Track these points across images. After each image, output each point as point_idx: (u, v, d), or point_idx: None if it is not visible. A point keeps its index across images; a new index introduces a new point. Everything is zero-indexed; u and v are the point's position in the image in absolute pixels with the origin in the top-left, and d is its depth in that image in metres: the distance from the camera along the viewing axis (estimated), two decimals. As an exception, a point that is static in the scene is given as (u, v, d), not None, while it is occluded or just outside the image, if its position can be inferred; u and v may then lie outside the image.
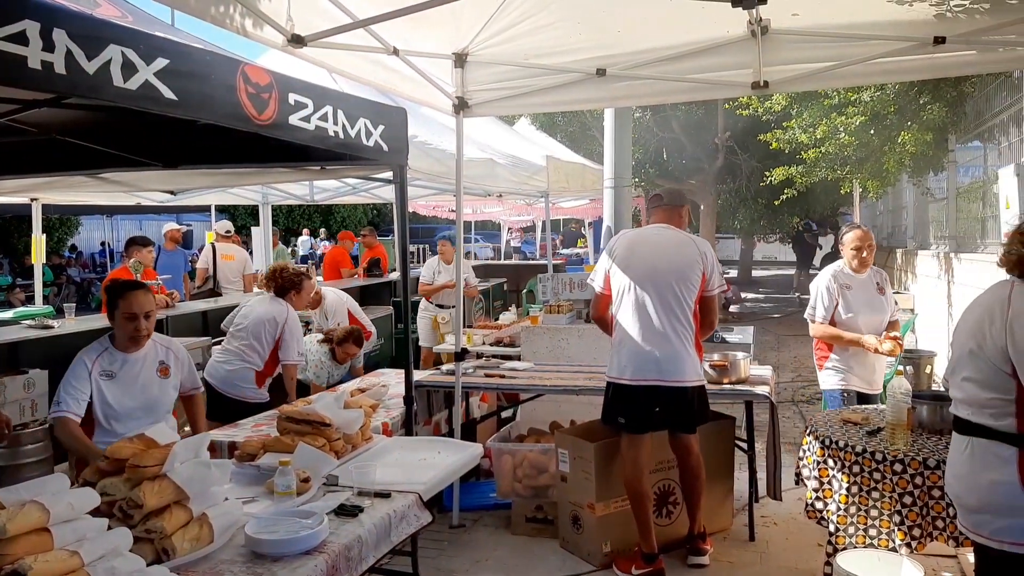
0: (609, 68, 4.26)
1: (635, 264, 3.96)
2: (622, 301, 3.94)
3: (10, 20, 1.97)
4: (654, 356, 3.81)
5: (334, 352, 5.71)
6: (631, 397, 3.88)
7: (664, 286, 3.87)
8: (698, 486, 4.05)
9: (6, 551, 1.88)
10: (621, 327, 3.93)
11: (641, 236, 4.17)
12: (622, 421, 3.92)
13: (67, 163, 4.70)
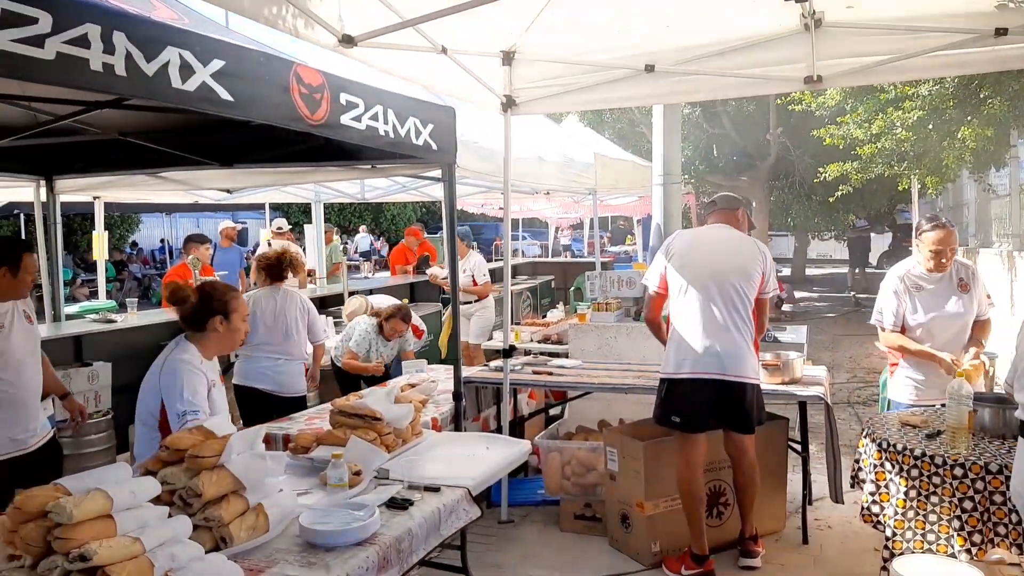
0: (658, 64, 4.22)
1: (695, 261, 3.92)
2: (682, 298, 3.88)
3: (72, 24, 2.05)
4: (716, 351, 3.75)
5: (381, 326, 5.74)
6: (688, 393, 3.82)
7: (726, 282, 3.82)
8: (752, 488, 3.99)
9: (72, 536, 1.96)
10: (680, 324, 3.87)
11: (700, 234, 4.13)
12: (676, 420, 3.86)
13: (128, 162, 4.87)
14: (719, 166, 15.62)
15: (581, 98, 4.63)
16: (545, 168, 7.33)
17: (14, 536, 1.99)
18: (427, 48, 3.92)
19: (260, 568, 2.21)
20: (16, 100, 3.63)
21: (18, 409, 3.54)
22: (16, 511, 2.01)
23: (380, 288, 8.53)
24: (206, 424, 2.57)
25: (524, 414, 5.59)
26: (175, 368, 2.97)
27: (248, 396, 4.84)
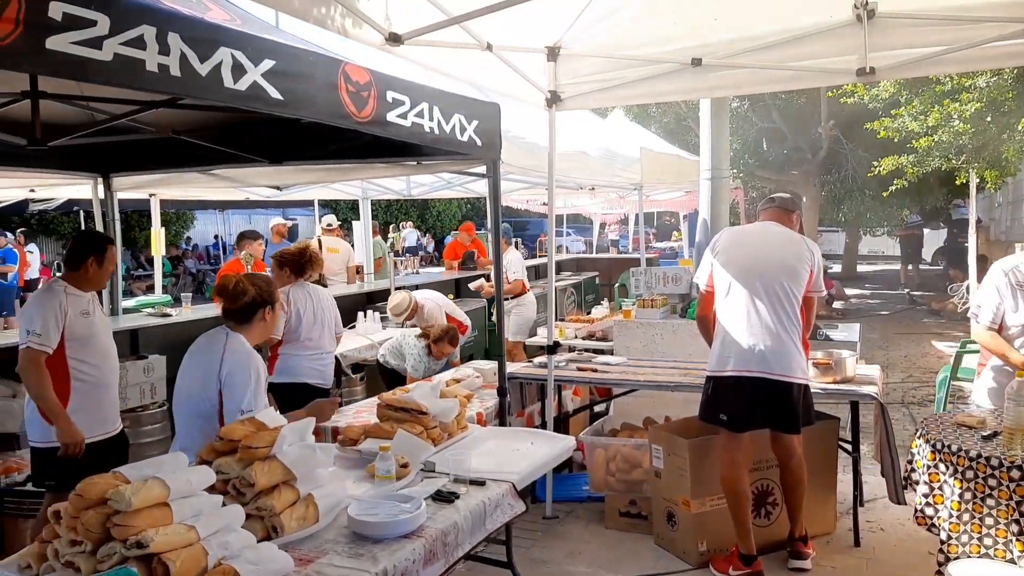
0: (705, 58, 4.17)
1: (741, 258, 3.87)
2: (727, 296, 3.83)
3: (129, 26, 2.11)
4: (761, 349, 3.70)
5: (430, 348, 5.81)
6: (733, 391, 3.77)
7: (772, 279, 3.76)
8: (799, 489, 3.92)
9: (130, 523, 2.02)
10: (725, 321, 3.83)
11: (746, 231, 4.08)
12: (724, 418, 3.80)
13: (181, 160, 5.00)
14: (768, 160, 15.38)
15: (627, 92, 4.60)
16: (590, 163, 7.29)
17: (76, 522, 2.07)
18: (472, 45, 3.94)
19: (310, 558, 2.26)
20: (75, 100, 3.76)
21: (102, 394, 3.78)
22: (77, 498, 2.08)
23: (425, 284, 8.60)
24: (258, 416, 2.63)
25: (568, 410, 5.58)
26: (247, 365, 2.98)
27: (294, 392, 4.82)
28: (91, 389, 3.71)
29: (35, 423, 3.66)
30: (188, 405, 3.04)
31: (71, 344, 3.62)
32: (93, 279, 3.77)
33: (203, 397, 2.97)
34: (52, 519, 2.11)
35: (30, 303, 3.70)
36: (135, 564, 1.97)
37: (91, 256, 3.73)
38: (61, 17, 1.96)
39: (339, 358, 6.13)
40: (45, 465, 3.68)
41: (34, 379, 3.53)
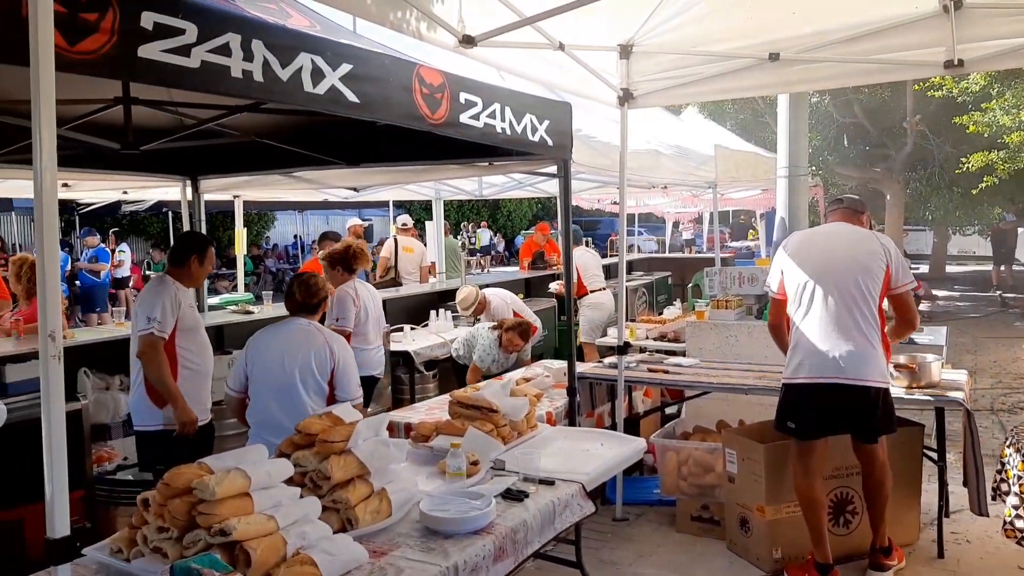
0: (783, 52, 4.08)
1: (811, 259, 3.76)
2: (799, 299, 3.73)
3: (216, 33, 2.20)
4: (834, 353, 3.58)
5: (501, 339, 5.84)
6: (805, 398, 3.67)
7: (845, 279, 3.64)
8: (882, 497, 3.77)
9: (214, 512, 2.11)
10: (799, 326, 3.72)
11: (816, 232, 3.96)
12: (791, 426, 3.72)
13: (263, 163, 5.17)
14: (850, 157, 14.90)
15: (701, 89, 4.53)
16: (662, 161, 7.20)
17: (163, 510, 2.17)
18: (544, 45, 3.95)
19: (383, 550, 2.31)
20: (165, 106, 3.94)
21: (203, 383, 4.07)
22: (165, 487, 2.19)
23: (496, 283, 8.66)
24: (334, 410, 2.70)
25: (639, 412, 5.54)
26: (350, 353, 3.61)
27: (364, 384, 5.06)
28: (195, 377, 3.97)
29: (143, 409, 3.90)
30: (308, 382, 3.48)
31: (181, 333, 3.89)
32: (194, 276, 4.06)
33: (323, 375, 3.50)
34: (141, 506, 2.23)
35: (147, 293, 3.92)
36: (218, 551, 2.05)
37: (194, 254, 4.02)
38: (152, 26, 2.06)
39: (412, 355, 6.24)
40: (153, 449, 3.91)
41: (155, 363, 3.76)
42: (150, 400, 3.86)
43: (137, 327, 3.81)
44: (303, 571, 2.06)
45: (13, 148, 4.23)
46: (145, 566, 2.15)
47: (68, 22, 1.87)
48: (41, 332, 1.80)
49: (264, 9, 2.96)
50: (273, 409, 3.48)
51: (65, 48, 1.86)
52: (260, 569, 2.03)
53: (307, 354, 3.48)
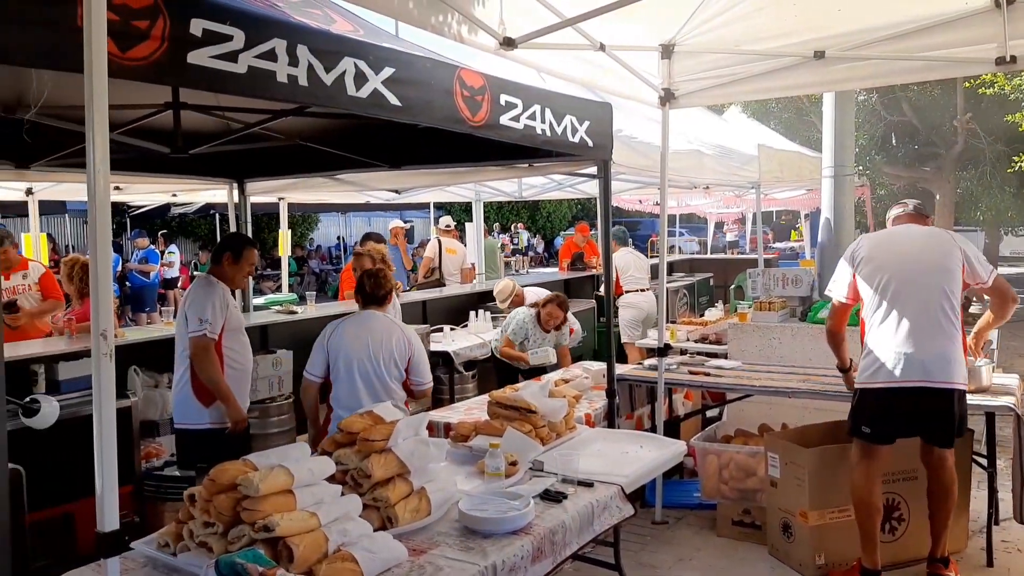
0: (828, 50, 4.01)
1: (889, 262, 3.68)
2: (878, 303, 3.65)
3: (262, 39, 2.25)
4: (918, 356, 3.49)
5: (539, 316, 5.79)
6: (887, 402, 3.57)
7: (927, 280, 3.58)
8: (948, 504, 3.68)
9: (258, 508, 2.15)
10: (877, 330, 3.63)
11: (889, 235, 3.87)
12: (866, 430, 3.62)
13: (307, 165, 5.26)
14: (898, 156, 14.58)
15: (744, 88, 4.48)
16: (704, 161, 7.13)
17: (209, 505, 2.22)
18: (585, 46, 3.94)
19: (422, 549, 2.33)
20: (212, 111, 4.03)
21: (245, 381, 4.14)
22: (211, 482, 2.24)
23: (534, 284, 8.66)
24: (375, 409, 2.74)
25: (680, 414, 5.49)
26: (421, 344, 3.99)
27: None
28: (238, 375, 4.05)
29: (189, 408, 3.95)
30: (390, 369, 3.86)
31: (227, 333, 3.97)
32: (229, 275, 4.08)
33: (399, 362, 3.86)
34: (187, 502, 2.28)
35: (196, 295, 3.91)
36: (262, 546, 2.09)
37: (227, 252, 4.07)
38: (201, 33, 2.11)
39: (452, 355, 6.28)
40: (198, 447, 3.96)
41: (208, 363, 3.83)
42: (197, 399, 3.91)
43: (187, 328, 3.85)
44: (344, 568, 2.09)
45: (67, 152, 4.38)
46: (191, 560, 2.20)
47: (120, 30, 1.92)
48: (93, 331, 1.85)
49: (309, 15, 3.00)
50: (360, 393, 3.80)
51: (117, 55, 1.92)
52: (302, 565, 2.06)
53: (389, 344, 3.85)
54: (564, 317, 5.81)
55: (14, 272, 5.66)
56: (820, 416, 4.55)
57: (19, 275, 5.66)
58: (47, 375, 4.39)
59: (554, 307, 5.74)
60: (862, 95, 13.22)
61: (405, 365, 3.89)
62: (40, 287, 5.65)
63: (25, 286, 5.64)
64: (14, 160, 4.63)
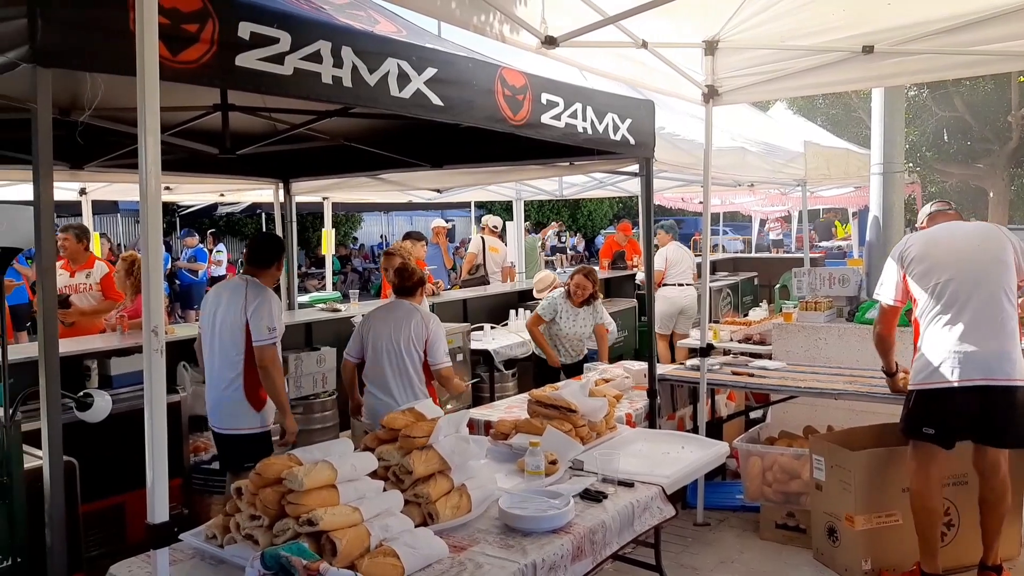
0: (877, 44, 3.92)
1: (943, 259, 3.59)
2: (934, 303, 3.56)
3: (308, 41, 2.29)
4: (979, 353, 3.40)
5: (569, 291, 5.73)
6: (945, 403, 3.47)
7: (984, 275, 3.49)
8: (1001, 509, 3.57)
9: (302, 502, 2.19)
10: (934, 329, 3.55)
11: (936, 232, 3.77)
12: (930, 432, 3.52)
13: (352, 165, 5.32)
14: (950, 152, 14.20)
15: (790, 84, 4.41)
16: (749, 159, 7.03)
17: (255, 498, 2.27)
18: (628, 44, 3.92)
19: (462, 545, 2.35)
20: (259, 112, 4.10)
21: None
22: (257, 476, 2.28)
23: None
24: (417, 406, 2.76)
25: (722, 415, 5.43)
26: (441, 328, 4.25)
27: None
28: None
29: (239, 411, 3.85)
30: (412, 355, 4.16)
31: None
32: (273, 279, 4.08)
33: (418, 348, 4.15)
34: (234, 495, 2.33)
35: (260, 302, 3.79)
36: (306, 540, 2.13)
37: (279, 258, 4.09)
38: (249, 36, 2.16)
39: (492, 354, 6.30)
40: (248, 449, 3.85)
41: (277, 374, 3.81)
42: (249, 403, 3.86)
43: (254, 336, 3.75)
44: (386, 562, 2.12)
45: (120, 153, 4.50)
46: (237, 552, 2.25)
47: (171, 33, 1.97)
48: (145, 328, 1.90)
49: (353, 16, 3.04)
50: (386, 370, 4.15)
51: (168, 58, 1.97)
52: (345, 559, 2.09)
53: (408, 327, 4.15)
54: (594, 290, 5.75)
55: (80, 270, 5.83)
56: (867, 419, 4.46)
57: (83, 273, 5.84)
58: (100, 370, 4.51)
59: (580, 277, 5.70)
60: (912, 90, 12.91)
61: (423, 346, 4.17)
62: (100, 287, 5.80)
63: (87, 285, 5.81)
64: (69, 161, 4.77)
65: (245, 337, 3.78)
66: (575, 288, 5.69)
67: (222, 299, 3.93)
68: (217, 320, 3.90)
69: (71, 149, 4.37)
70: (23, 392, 2.41)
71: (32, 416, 2.94)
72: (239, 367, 3.83)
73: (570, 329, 5.75)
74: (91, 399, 2.36)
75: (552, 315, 5.75)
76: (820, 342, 5.44)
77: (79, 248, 5.87)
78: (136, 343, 4.52)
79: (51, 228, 1.91)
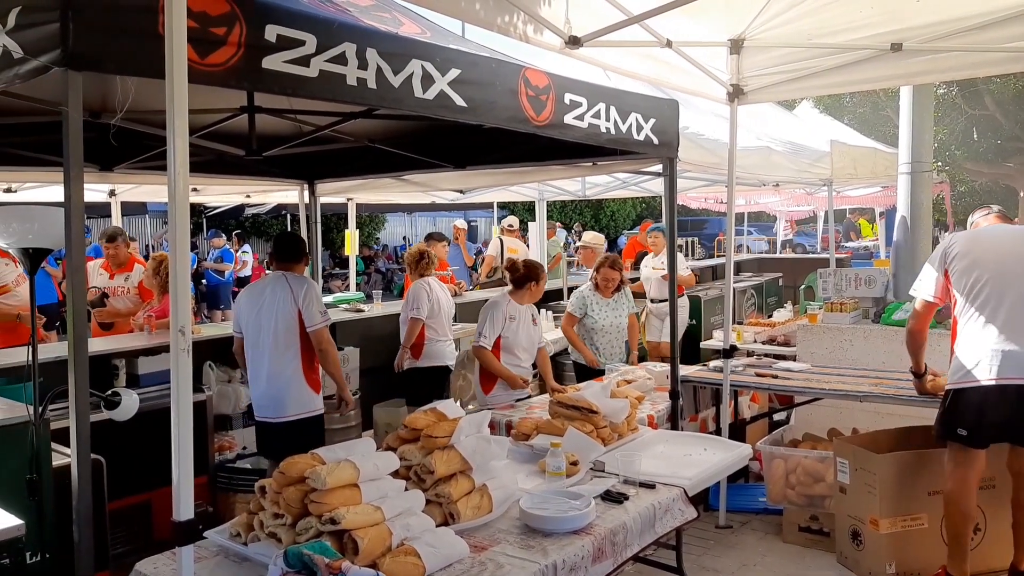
0: (906, 42, 3.87)
1: (985, 258, 3.55)
2: (975, 301, 3.52)
3: (333, 43, 2.31)
4: (1019, 353, 3.35)
5: (596, 282, 5.63)
6: (982, 403, 3.43)
7: (1020, 275, 3.45)
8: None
9: (325, 500, 2.21)
10: (974, 327, 3.50)
11: (981, 232, 3.75)
12: (963, 433, 3.47)
13: (375, 166, 5.35)
14: (980, 151, 13.96)
15: (816, 83, 4.37)
16: (774, 158, 6.97)
17: (278, 497, 2.29)
18: (652, 43, 3.90)
19: (484, 546, 2.35)
20: (285, 114, 4.14)
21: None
22: (280, 475, 2.31)
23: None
24: (438, 406, 2.77)
25: (745, 417, 5.39)
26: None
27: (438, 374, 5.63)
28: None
29: (303, 396, 4.11)
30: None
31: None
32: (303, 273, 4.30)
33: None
34: (258, 493, 2.35)
35: (309, 290, 4.09)
36: (328, 539, 2.15)
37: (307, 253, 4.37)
38: (275, 39, 2.18)
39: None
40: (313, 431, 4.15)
41: (334, 352, 4.16)
42: (309, 387, 4.13)
43: (307, 322, 4.02)
44: (407, 562, 2.13)
45: (148, 155, 4.56)
46: (261, 550, 2.27)
47: (199, 36, 2.00)
48: (172, 327, 1.93)
49: (378, 18, 3.06)
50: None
51: (196, 61, 2.00)
52: (367, 558, 2.11)
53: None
54: (621, 278, 5.65)
55: (119, 273, 5.93)
56: (893, 421, 4.40)
57: (122, 276, 5.93)
58: (128, 369, 4.58)
59: (607, 269, 5.57)
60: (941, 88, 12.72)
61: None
62: (139, 290, 5.89)
63: (125, 288, 5.90)
64: (99, 163, 4.84)
65: (299, 325, 4.02)
66: (603, 281, 5.55)
67: (264, 298, 4.11)
68: (263, 318, 4.08)
69: (101, 151, 4.44)
70: (52, 391, 2.46)
71: (61, 414, 3.00)
72: (297, 356, 4.06)
73: (605, 320, 5.55)
74: (119, 398, 2.40)
75: (582, 310, 5.58)
76: (845, 344, 5.38)
77: (127, 251, 6.03)
78: (162, 342, 4.58)
79: (81, 229, 1.95)
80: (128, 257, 6.05)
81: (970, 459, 3.49)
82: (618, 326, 5.60)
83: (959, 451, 3.51)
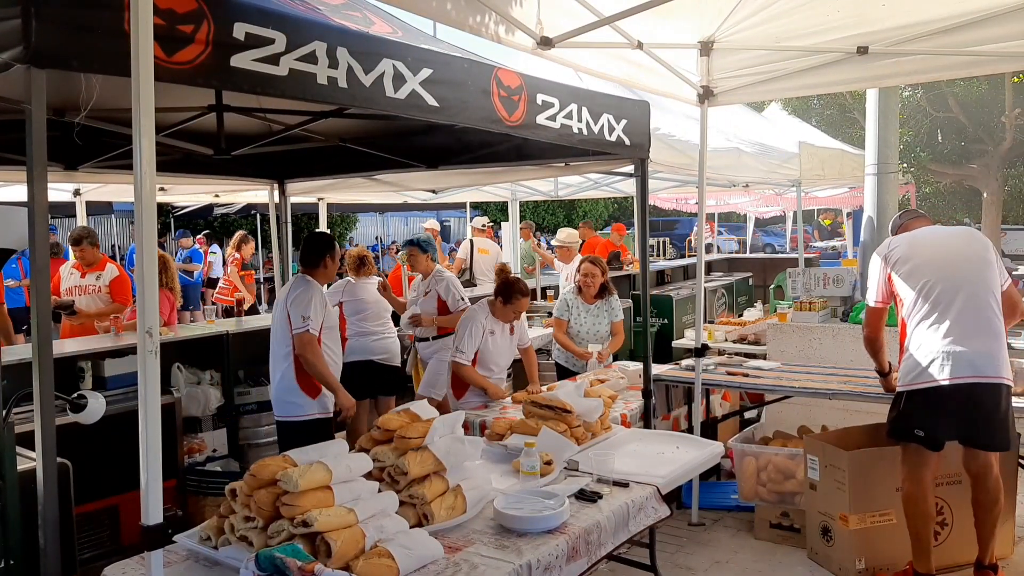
0: (872, 45, 3.93)
1: (929, 260, 3.60)
2: (921, 302, 3.56)
3: (303, 42, 2.29)
4: (966, 352, 3.40)
5: (579, 287, 5.55)
6: (934, 403, 3.47)
7: (971, 275, 3.51)
8: (995, 511, 3.57)
9: (297, 503, 2.19)
10: (921, 328, 3.54)
11: (919, 234, 3.79)
12: (920, 434, 3.51)
13: (346, 166, 5.31)
14: (944, 152, 14.24)
15: (785, 85, 4.42)
16: (744, 159, 7.05)
17: (249, 500, 2.26)
18: (623, 44, 3.93)
19: (458, 546, 2.35)
20: (254, 112, 4.09)
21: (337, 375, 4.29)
22: (252, 478, 2.28)
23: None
24: (412, 407, 2.76)
25: (717, 416, 5.43)
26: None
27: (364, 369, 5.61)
28: (333, 369, 4.22)
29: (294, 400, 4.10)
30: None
31: (324, 331, 4.14)
32: (325, 276, 4.30)
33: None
34: (229, 496, 2.32)
35: (297, 294, 4.06)
36: (301, 541, 2.13)
37: (327, 254, 4.26)
38: (244, 37, 2.15)
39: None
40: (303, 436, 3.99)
41: (315, 357, 4.01)
42: (303, 392, 4.09)
43: (292, 325, 4.01)
44: (381, 564, 2.11)
45: (114, 154, 4.48)
46: (232, 554, 2.24)
47: (166, 34, 1.97)
48: (139, 329, 1.90)
49: (349, 17, 3.04)
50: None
51: (163, 59, 1.97)
52: (340, 560, 2.09)
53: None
54: (605, 279, 5.51)
55: (90, 272, 5.85)
56: (861, 418, 4.47)
57: (94, 275, 5.85)
58: (94, 371, 4.50)
59: (587, 265, 5.49)
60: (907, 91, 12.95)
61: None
62: (109, 289, 5.81)
63: (96, 287, 5.82)
64: (64, 162, 4.75)
65: (289, 328, 4.05)
66: (583, 279, 5.45)
67: (279, 299, 4.26)
68: (273, 319, 4.23)
69: (66, 150, 4.35)
70: (17, 394, 2.40)
71: (26, 418, 2.93)
72: (289, 357, 4.08)
73: (582, 327, 5.47)
74: (85, 400, 2.35)
75: (567, 314, 5.51)
76: (815, 342, 5.46)
77: (95, 252, 5.92)
78: (130, 344, 4.51)
79: (45, 229, 1.91)
80: (99, 257, 5.95)
81: (926, 460, 3.55)
82: (596, 333, 5.49)
83: (915, 452, 3.56)
